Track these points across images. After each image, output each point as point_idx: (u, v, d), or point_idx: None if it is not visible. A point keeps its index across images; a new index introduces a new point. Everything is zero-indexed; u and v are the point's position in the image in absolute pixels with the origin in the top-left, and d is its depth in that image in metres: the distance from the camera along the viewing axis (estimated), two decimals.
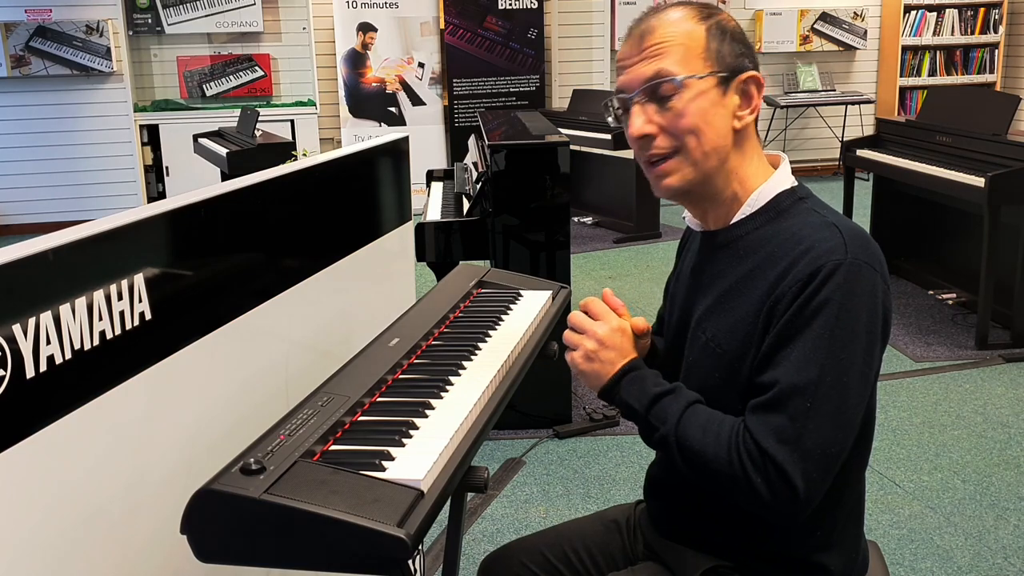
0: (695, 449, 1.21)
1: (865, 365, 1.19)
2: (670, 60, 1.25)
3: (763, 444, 1.15)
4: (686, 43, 1.25)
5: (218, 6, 7.15)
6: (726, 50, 1.27)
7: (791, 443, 1.14)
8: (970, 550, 2.62)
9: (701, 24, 1.27)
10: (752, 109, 1.29)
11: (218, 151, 5.70)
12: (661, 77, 1.25)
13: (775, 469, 1.14)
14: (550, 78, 7.84)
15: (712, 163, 1.27)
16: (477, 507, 2.90)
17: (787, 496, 1.15)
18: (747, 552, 1.33)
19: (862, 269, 1.19)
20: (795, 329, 1.18)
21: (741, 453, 1.17)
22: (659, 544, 1.44)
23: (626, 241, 6.36)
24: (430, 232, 3.30)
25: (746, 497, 1.18)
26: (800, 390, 1.15)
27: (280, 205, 1.72)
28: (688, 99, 1.25)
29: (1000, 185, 3.91)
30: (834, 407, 1.16)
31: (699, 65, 1.25)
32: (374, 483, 1.09)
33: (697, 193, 1.31)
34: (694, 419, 1.23)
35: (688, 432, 1.22)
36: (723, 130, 1.27)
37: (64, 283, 1.14)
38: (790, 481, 1.14)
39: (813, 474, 1.15)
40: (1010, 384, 3.78)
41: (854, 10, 8.16)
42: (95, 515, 1.23)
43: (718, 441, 1.20)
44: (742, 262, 1.29)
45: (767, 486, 1.15)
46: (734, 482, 1.18)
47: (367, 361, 1.46)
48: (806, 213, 1.28)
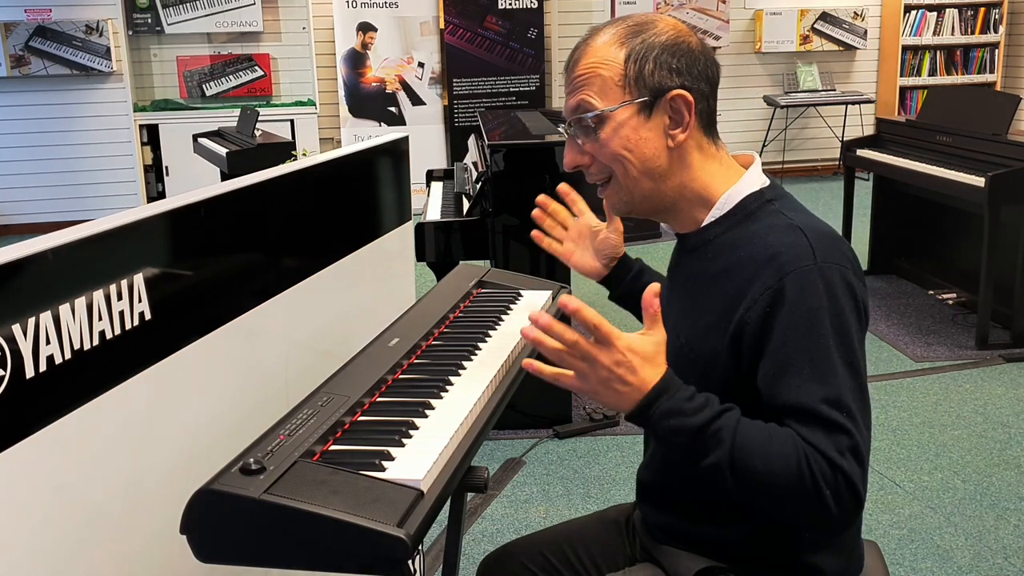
0: (758, 468, 1.14)
1: (862, 362, 1.20)
2: (589, 92, 1.27)
3: (834, 459, 1.13)
4: (603, 74, 1.26)
5: (218, 6, 7.15)
6: (648, 72, 1.25)
7: (851, 452, 1.14)
8: (970, 550, 2.61)
9: (622, 49, 1.26)
10: (684, 127, 1.27)
11: (218, 151, 5.70)
12: (582, 111, 1.28)
13: (845, 481, 1.13)
14: (550, 78, 7.84)
15: (645, 185, 1.29)
16: (477, 507, 2.90)
17: (852, 504, 1.14)
18: (741, 554, 1.33)
19: (835, 271, 1.19)
20: (795, 343, 1.17)
21: (814, 469, 1.12)
22: (654, 547, 1.44)
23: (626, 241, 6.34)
24: (430, 232, 3.29)
25: (813, 512, 1.14)
26: (835, 403, 1.15)
27: (280, 205, 1.72)
28: (610, 130, 1.26)
29: (1000, 185, 3.91)
30: (862, 407, 1.17)
31: (616, 95, 1.26)
32: (374, 483, 1.09)
33: (643, 210, 1.34)
34: (749, 440, 1.15)
35: (747, 453, 1.14)
36: (651, 153, 1.27)
37: (64, 283, 1.14)
38: (856, 490, 1.14)
39: (866, 479, 1.16)
40: (1010, 384, 3.78)
41: (854, 10, 8.16)
42: (95, 515, 1.23)
43: (785, 460, 1.13)
44: (710, 266, 1.29)
45: (835, 497, 1.13)
46: (804, 500, 1.13)
47: (367, 361, 1.46)
48: (772, 215, 1.27)
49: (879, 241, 5.21)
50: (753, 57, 8.18)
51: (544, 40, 7.70)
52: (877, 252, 5.21)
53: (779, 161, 8.26)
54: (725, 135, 1.37)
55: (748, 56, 8.15)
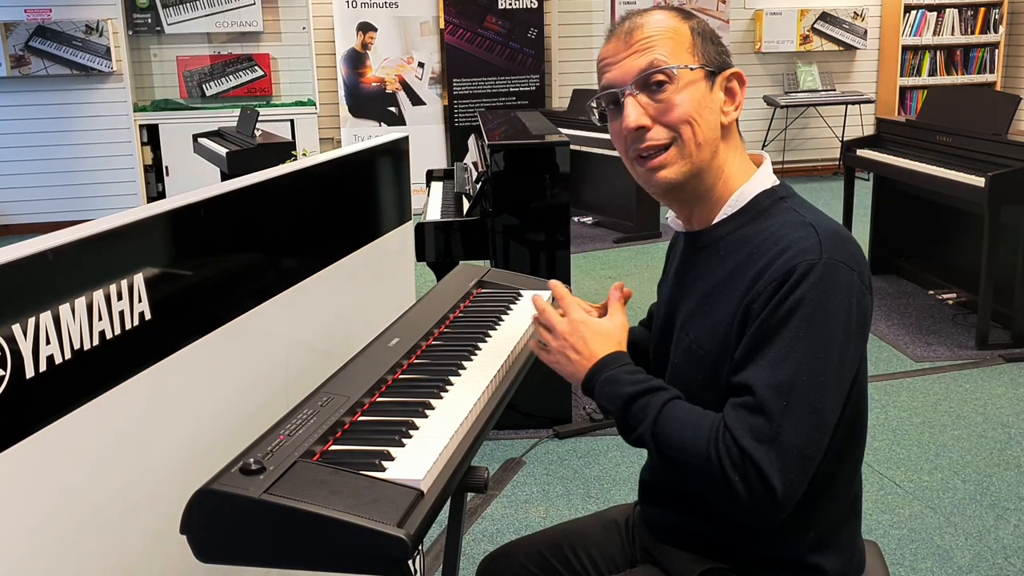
0: (674, 446, 1.20)
1: (841, 364, 1.18)
2: (661, 52, 1.27)
3: (742, 443, 1.14)
4: (674, 37, 1.28)
5: (218, 6, 7.15)
6: (709, 48, 1.30)
7: (768, 442, 1.14)
8: (970, 550, 2.62)
9: (685, 23, 1.31)
10: (737, 105, 1.31)
11: (218, 151, 5.70)
12: (655, 67, 1.27)
13: (754, 468, 1.13)
14: (550, 78, 7.84)
15: (705, 155, 1.29)
16: (477, 507, 2.90)
17: (764, 496, 1.14)
18: (742, 554, 1.33)
19: (837, 268, 1.18)
20: (770, 329, 1.18)
21: (720, 450, 1.15)
22: (655, 547, 1.44)
23: (626, 241, 6.36)
24: (430, 232, 3.29)
25: (724, 496, 1.16)
26: (776, 389, 1.15)
27: (280, 205, 1.72)
28: (681, 89, 1.27)
29: (1000, 185, 3.91)
30: (810, 407, 1.15)
31: (688, 58, 1.28)
32: (374, 483, 1.09)
33: (689, 188, 1.31)
34: (672, 416, 1.22)
35: (665, 429, 1.21)
36: (713, 123, 1.29)
37: (64, 283, 1.14)
38: (768, 481, 1.13)
39: (791, 475, 1.14)
40: (1010, 384, 3.78)
41: (854, 10, 8.16)
42: (95, 515, 1.23)
43: (697, 438, 1.18)
44: (723, 263, 1.29)
45: (745, 485, 1.14)
46: (712, 480, 1.16)
47: (367, 361, 1.46)
48: (785, 212, 1.28)
49: (879, 241, 5.21)
50: (753, 57, 8.18)
51: (544, 40, 7.70)
52: (877, 252, 5.21)
53: (779, 161, 8.25)
54: None
55: (748, 56, 8.15)
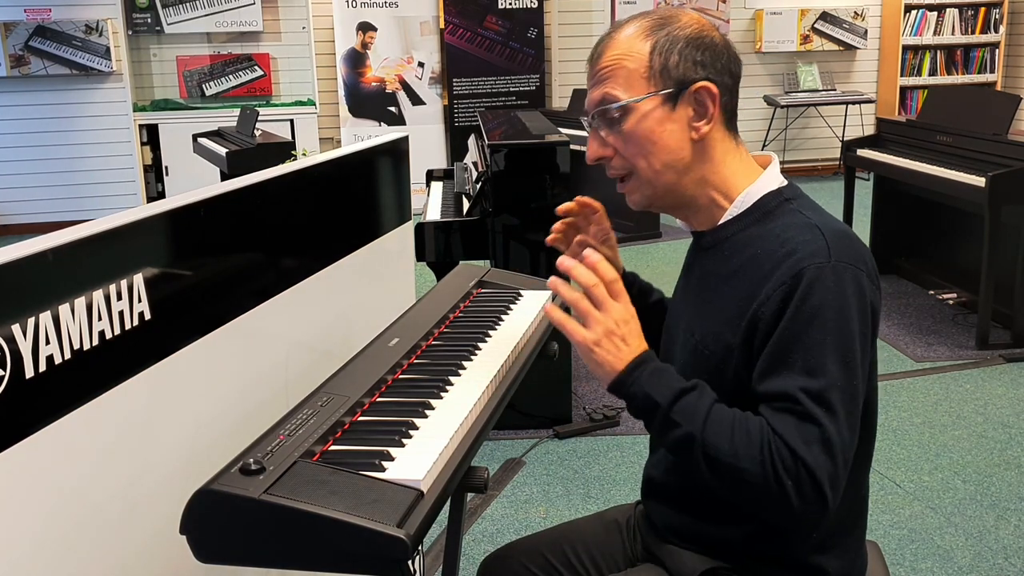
0: (724, 450, 1.15)
1: (862, 366, 1.19)
2: (614, 84, 1.27)
3: (796, 448, 1.13)
4: (628, 65, 1.26)
5: (217, 6, 7.15)
6: (673, 64, 1.25)
7: (818, 446, 1.13)
8: (971, 550, 2.61)
9: (647, 41, 1.27)
10: (708, 119, 1.27)
11: (218, 151, 5.70)
12: (606, 102, 1.27)
13: (807, 473, 1.12)
14: (550, 78, 7.84)
15: (668, 178, 1.29)
16: (477, 507, 2.90)
17: (816, 501, 1.13)
18: (745, 554, 1.33)
19: (847, 271, 1.18)
20: (793, 337, 1.17)
21: (775, 456, 1.13)
22: (657, 546, 1.43)
23: (626, 241, 6.36)
24: (430, 232, 3.29)
25: (774, 503, 1.14)
26: (816, 396, 1.15)
27: (280, 205, 1.72)
28: (634, 122, 1.26)
29: (1000, 185, 3.91)
30: (848, 409, 1.16)
31: (641, 86, 1.26)
32: (374, 483, 1.09)
33: (664, 204, 1.33)
34: (720, 418, 1.18)
35: (716, 430, 1.16)
36: (675, 145, 1.27)
37: (64, 283, 1.14)
38: (820, 486, 1.13)
39: (838, 477, 1.14)
40: (1011, 384, 3.78)
41: (854, 10, 8.16)
42: (95, 515, 1.23)
43: (750, 444, 1.15)
44: (727, 263, 1.29)
45: (797, 489, 1.13)
46: (765, 487, 1.14)
47: (367, 361, 1.46)
48: (791, 214, 1.27)
49: (879, 241, 5.20)
50: (753, 57, 8.18)
51: (544, 40, 7.70)
52: (877, 252, 5.21)
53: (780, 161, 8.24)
54: None
55: (748, 56, 8.14)
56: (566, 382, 3.46)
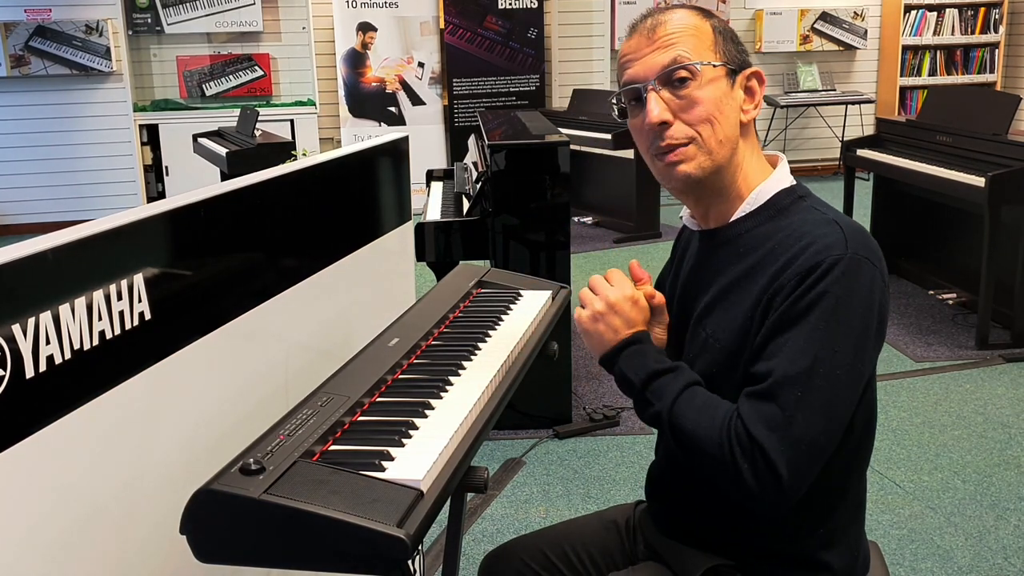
0: (687, 429, 1.22)
1: (858, 360, 1.19)
2: (684, 48, 1.28)
3: (752, 430, 1.16)
4: (697, 35, 1.29)
5: (218, 6, 7.15)
6: (730, 47, 1.31)
7: (779, 431, 1.15)
8: (970, 550, 2.61)
9: (706, 21, 1.31)
10: (756, 104, 1.32)
11: (218, 151, 5.70)
12: (678, 63, 1.27)
13: (762, 456, 1.15)
14: (550, 78, 7.84)
15: (725, 152, 1.29)
16: (477, 507, 2.90)
17: (771, 484, 1.15)
18: (749, 550, 1.33)
19: (862, 264, 1.19)
20: (790, 320, 1.19)
21: (731, 438, 1.18)
22: (660, 543, 1.44)
23: (626, 241, 6.36)
24: (430, 232, 3.29)
25: (732, 483, 1.18)
26: (792, 380, 1.16)
27: (280, 205, 1.72)
28: (703, 85, 1.27)
29: (1000, 185, 3.91)
30: (825, 399, 1.16)
31: (711, 55, 1.28)
32: (374, 483, 1.09)
33: (708, 185, 1.31)
34: (691, 400, 1.24)
35: (683, 411, 1.23)
36: (733, 120, 1.29)
37: (64, 283, 1.14)
38: (775, 469, 1.14)
39: (799, 464, 1.15)
40: (1010, 384, 3.78)
41: (854, 10, 8.16)
42: (94, 515, 1.23)
43: (711, 424, 1.20)
44: (742, 259, 1.29)
45: (753, 472, 1.15)
46: (722, 466, 1.18)
47: (367, 361, 1.46)
48: (806, 211, 1.29)
49: (879, 241, 5.03)
50: (753, 57, 8.16)
51: (544, 40, 7.69)
52: None
53: None
54: None
55: None
56: (566, 382, 3.46)
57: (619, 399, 3.59)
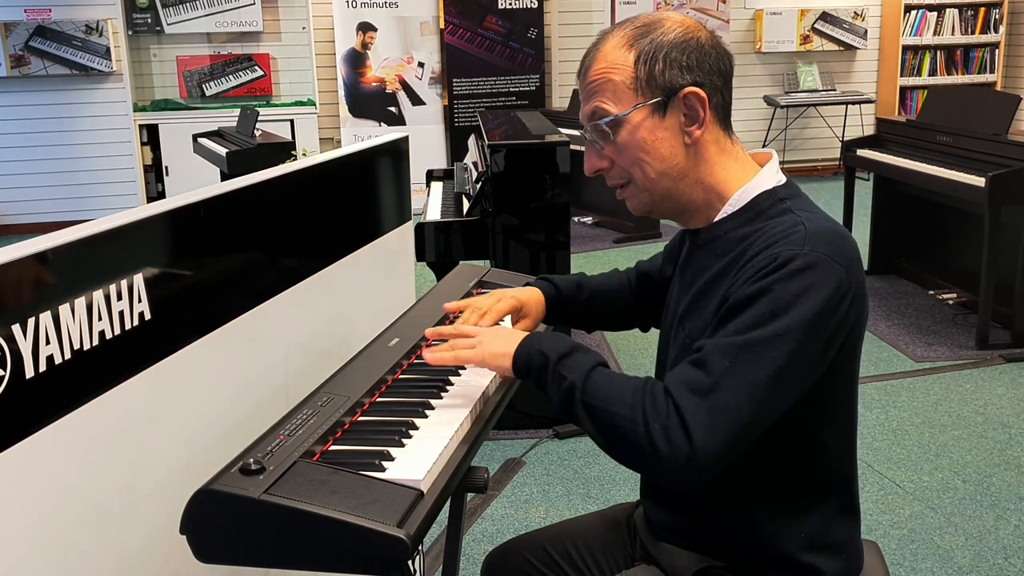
0: (599, 396, 1.18)
1: (800, 354, 1.15)
2: (602, 98, 1.28)
3: (673, 391, 1.14)
4: (614, 78, 1.27)
5: (218, 6, 7.15)
6: (658, 72, 1.25)
7: (700, 394, 1.12)
8: (971, 550, 2.61)
9: (631, 51, 1.26)
10: (700, 123, 1.28)
11: (218, 151, 5.70)
12: (597, 116, 1.29)
13: (678, 416, 1.12)
14: (550, 78, 7.84)
15: (664, 185, 1.29)
16: (477, 507, 2.90)
17: (684, 446, 1.10)
18: (739, 552, 1.33)
19: (820, 260, 1.17)
20: (737, 305, 1.17)
21: (646, 400, 1.15)
22: (653, 545, 1.44)
23: (626, 241, 6.36)
24: (430, 232, 3.29)
25: (642, 447, 1.13)
26: (723, 350, 1.14)
27: (280, 205, 1.72)
28: (626, 133, 1.27)
29: (1000, 185, 3.91)
30: (753, 376, 1.13)
31: (629, 98, 1.26)
32: (374, 483, 1.09)
33: (663, 209, 1.34)
34: (607, 373, 1.22)
35: (596, 381, 1.20)
36: (669, 153, 1.27)
37: (64, 283, 1.14)
38: (689, 431, 1.11)
39: (715, 433, 1.11)
40: (1011, 384, 3.78)
41: (854, 10, 8.16)
42: (94, 515, 1.23)
43: (623, 389, 1.17)
44: (718, 260, 1.29)
45: (664, 434, 1.11)
46: (633, 431, 1.14)
47: (367, 361, 1.46)
48: (782, 213, 1.27)
49: (879, 241, 5.21)
50: (753, 57, 8.18)
51: (544, 40, 7.70)
52: (877, 252, 5.21)
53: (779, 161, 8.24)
54: None
55: (748, 56, 8.15)
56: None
57: None
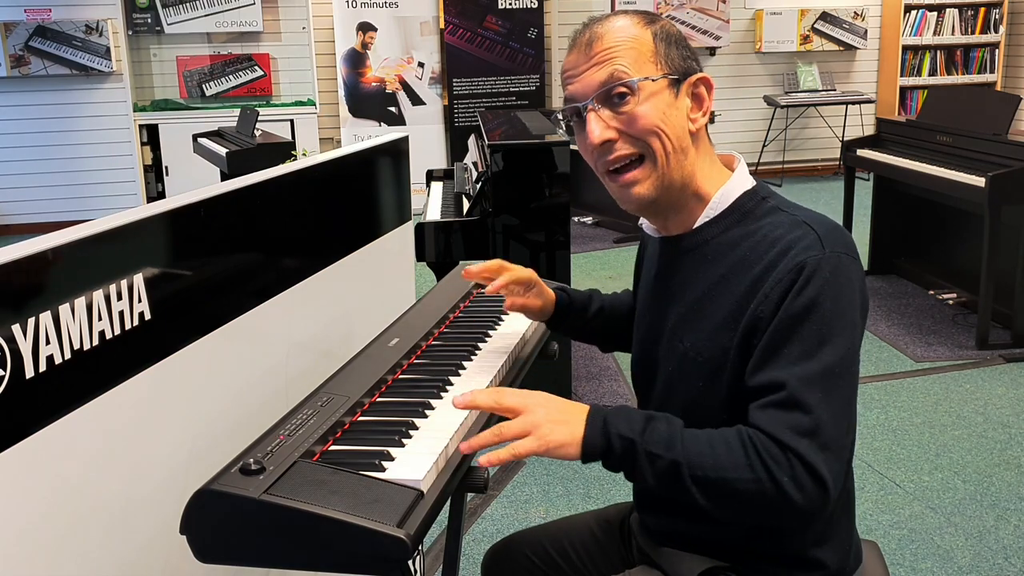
0: (708, 465, 1.11)
1: (855, 355, 1.19)
2: (621, 63, 1.24)
3: (785, 440, 1.10)
4: (635, 47, 1.25)
5: (218, 6, 7.15)
6: (674, 54, 1.27)
7: (811, 436, 1.11)
8: (971, 550, 2.61)
9: (647, 29, 1.27)
10: (704, 111, 1.28)
11: (218, 151, 5.70)
12: (615, 80, 1.24)
13: (801, 464, 1.10)
14: (550, 78, 7.84)
15: (675, 165, 1.26)
16: (477, 507, 2.90)
17: (817, 491, 1.10)
18: (743, 551, 1.32)
19: (841, 259, 1.18)
20: (788, 328, 1.17)
21: (762, 455, 1.10)
22: (653, 550, 1.43)
23: (626, 241, 6.36)
24: (430, 232, 3.29)
25: (776, 503, 1.11)
26: (810, 383, 1.13)
27: (280, 205, 1.72)
28: (646, 99, 1.24)
29: (1000, 185, 3.91)
30: (843, 397, 1.14)
31: (650, 68, 1.25)
32: (374, 483, 1.09)
33: (663, 201, 1.29)
34: (695, 437, 1.15)
35: (695, 449, 1.12)
36: (679, 132, 1.26)
37: (64, 283, 1.14)
38: (818, 474, 1.10)
39: (834, 465, 1.12)
40: (1011, 384, 3.78)
41: (854, 10, 8.16)
42: (94, 515, 1.23)
43: (730, 450, 1.11)
44: (712, 267, 1.27)
45: (795, 484, 1.09)
46: (760, 490, 1.10)
47: (367, 361, 1.46)
48: (772, 213, 1.27)
49: (879, 241, 5.21)
50: (753, 57, 8.18)
51: (544, 40, 7.70)
52: (877, 252, 5.21)
53: (779, 161, 8.26)
54: (725, 135, 1.38)
55: (748, 56, 8.15)
56: (566, 382, 3.46)
57: (619, 399, 3.59)
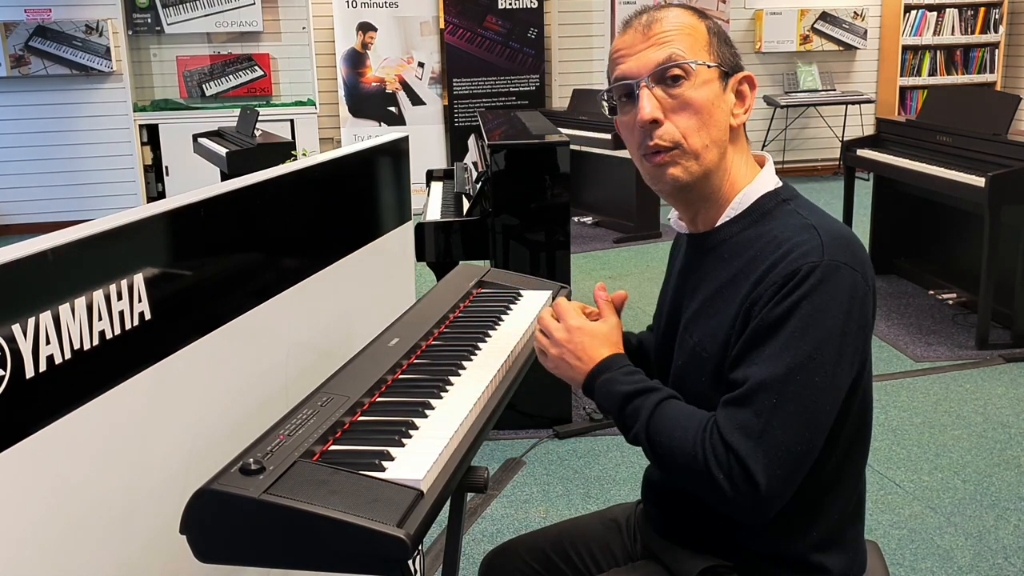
0: (664, 444, 1.22)
1: (837, 366, 1.18)
2: (679, 47, 1.27)
3: (727, 438, 1.16)
4: (692, 35, 1.28)
5: (218, 6, 7.15)
6: (724, 49, 1.30)
7: (755, 438, 1.15)
8: (970, 550, 2.61)
9: (702, 21, 1.31)
10: (746, 108, 1.31)
11: (218, 151, 5.70)
12: (673, 61, 1.26)
13: (737, 463, 1.15)
14: (550, 78, 7.84)
15: (713, 156, 1.28)
16: (477, 507, 2.90)
17: (748, 492, 1.14)
18: (745, 552, 1.33)
19: (839, 270, 1.18)
20: (768, 327, 1.18)
21: (706, 446, 1.17)
22: (657, 544, 1.44)
23: (626, 241, 6.36)
24: (430, 232, 3.29)
25: (710, 492, 1.18)
26: (767, 386, 1.16)
27: (280, 205, 1.72)
28: (696, 86, 1.26)
29: (1000, 185, 3.91)
30: (802, 406, 1.15)
31: (705, 56, 1.28)
32: (373, 483, 1.09)
33: (697, 189, 1.30)
34: (666, 414, 1.24)
35: (657, 428, 1.23)
36: (723, 124, 1.28)
37: (64, 283, 1.14)
38: (752, 476, 1.14)
39: (776, 471, 1.14)
40: (1010, 384, 3.78)
41: (854, 10, 8.16)
42: (95, 515, 1.23)
43: (685, 436, 1.20)
44: (727, 266, 1.29)
45: (729, 481, 1.15)
46: (699, 476, 1.18)
47: (367, 361, 1.46)
48: (788, 215, 1.28)
49: (879, 241, 5.21)
50: (753, 57, 8.18)
51: (544, 40, 7.69)
52: (877, 252, 5.21)
53: (779, 161, 8.25)
54: None
55: (748, 56, 8.15)
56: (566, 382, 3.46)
57: None
